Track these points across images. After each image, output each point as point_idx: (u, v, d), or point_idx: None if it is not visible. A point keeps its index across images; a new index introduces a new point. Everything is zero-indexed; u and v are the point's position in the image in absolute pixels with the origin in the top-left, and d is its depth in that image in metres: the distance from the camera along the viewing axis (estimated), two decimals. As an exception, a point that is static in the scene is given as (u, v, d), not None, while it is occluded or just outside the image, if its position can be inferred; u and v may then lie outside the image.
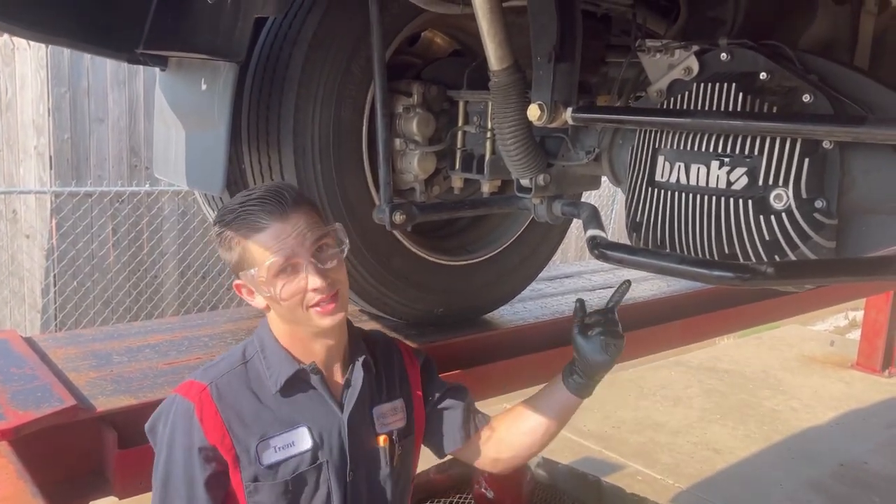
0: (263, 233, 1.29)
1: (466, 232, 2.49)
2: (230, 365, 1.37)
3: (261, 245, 1.29)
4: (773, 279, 1.23)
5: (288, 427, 1.34)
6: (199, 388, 1.32)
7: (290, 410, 1.35)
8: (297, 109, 1.86)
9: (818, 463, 4.33)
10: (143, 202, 5.29)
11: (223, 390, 1.32)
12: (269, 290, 1.30)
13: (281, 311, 1.34)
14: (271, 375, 1.36)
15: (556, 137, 1.82)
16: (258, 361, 1.37)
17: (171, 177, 2.04)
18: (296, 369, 1.36)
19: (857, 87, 1.39)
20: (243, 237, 1.30)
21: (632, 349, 2.77)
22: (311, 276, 1.29)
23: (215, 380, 1.33)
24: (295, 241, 1.29)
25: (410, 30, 2.06)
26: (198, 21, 1.73)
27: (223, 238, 1.33)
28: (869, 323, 5.86)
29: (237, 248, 1.31)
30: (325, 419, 1.37)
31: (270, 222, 1.29)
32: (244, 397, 1.33)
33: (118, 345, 2.00)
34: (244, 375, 1.36)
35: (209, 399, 1.30)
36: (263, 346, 1.39)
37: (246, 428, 1.31)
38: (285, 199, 1.31)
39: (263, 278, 1.29)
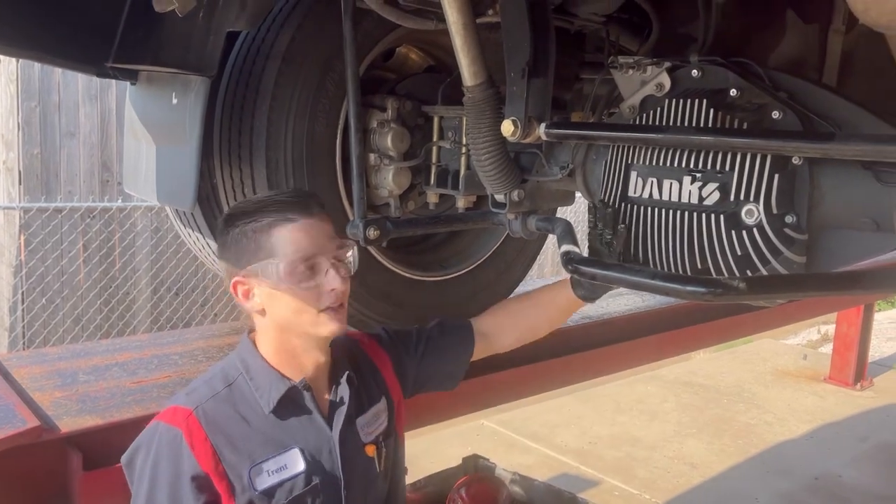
0: (294, 224, 1.29)
1: (442, 247, 2.48)
2: (213, 388, 1.32)
3: (289, 236, 1.28)
4: (744, 294, 1.23)
5: (280, 449, 1.30)
6: (184, 414, 1.27)
7: (281, 432, 1.31)
8: (270, 124, 1.84)
9: (793, 477, 4.36)
10: (114, 218, 5.22)
11: (210, 414, 1.27)
12: (289, 281, 1.27)
13: (283, 313, 1.30)
14: (261, 396, 1.32)
15: (531, 153, 1.82)
16: (243, 383, 1.33)
17: (141, 192, 2.01)
18: (288, 387, 1.32)
19: (825, 103, 1.41)
20: (269, 226, 1.28)
21: (608, 365, 2.79)
22: (333, 277, 1.29)
23: (200, 404, 1.28)
24: (324, 239, 1.31)
25: (385, 45, 2.05)
26: (168, 35, 1.71)
27: (241, 231, 1.29)
28: (840, 337, 5.92)
29: (257, 239, 1.28)
30: (316, 438, 1.35)
31: (301, 217, 1.29)
32: (232, 421, 1.29)
33: (85, 363, 1.95)
34: (230, 398, 1.31)
35: (197, 424, 1.25)
36: (248, 366, 1.34)
37: (237, 453, 1.26)
38: (315, 201, 1.33)
39: (284, 269, 1.27)
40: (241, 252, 1.30)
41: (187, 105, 1.72)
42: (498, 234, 2.42)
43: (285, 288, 1.28)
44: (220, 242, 1.36)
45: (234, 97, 1.91)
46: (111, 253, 5.24)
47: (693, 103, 1.45)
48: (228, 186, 1.97)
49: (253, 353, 1.35)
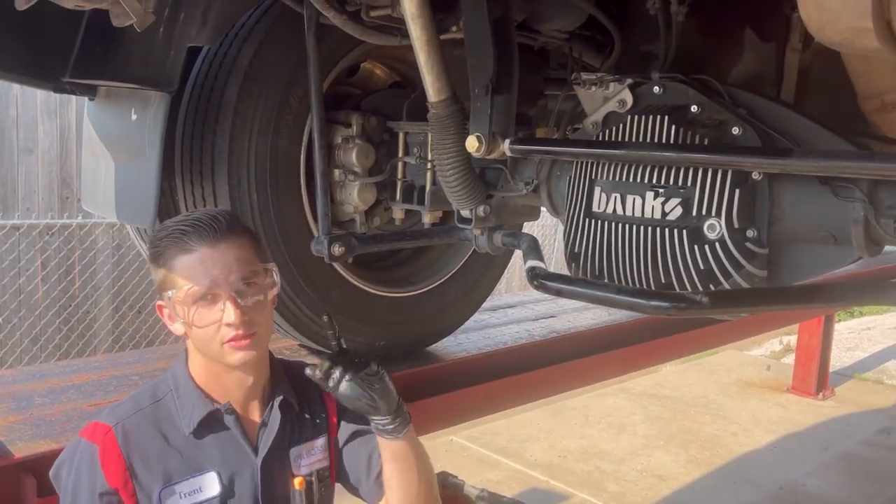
0: (189, 255, 1.24)
1: (408, 263, 2.47)
2: (138, 405, 1.29)
3: (185, 268, 1.24)
4: (707, 308, 1.24)
5: (195, 472, 1.27)
6: (103, 430, 1.24)
7: (200, 454, 1.28)
8: (233, 140, 1.82)
9: (758, 487, 4.40)
10: (74, 235, 5.10)
11: (129, 432, 1.25)
12: (184, 314, 1.25)
13: (196, 341, 1.28)
14: (184, 417, 1.28)
15: (496, 169, 1.82)
16: (171, 401, 1.30)
17: (99, 209, 1.96)
18: (209, 410, 1.29)
19: (783, 120, 1.44)
20: (170, 257, 1.25)
21: (575, 378, 2.79)
22: (228, 310, 1.24)
23: (121, 420, 1.25)
24: (220, 270, 1.24)
25: (349, 61, 2.05)
26: (127, 50, 1.69)
27: (152, 255, 1.29)
28: (802, 347, 6.02)
29: (163, 268, 1.26)
30: (237, 463, 1.30)
31: (199, 247, 1.24)
32: (151, 439, 1.26)
33: (40, 385, 1.90)
34: (153, 415, 1.28)
35: (113, 441, 1.23)
36: (177, 384, 1.31)
37: (150, 472, 1.24)
38: (219, 226, 1.26)
39: (181, 301, 1.24)
40: (156, 278, 1.30)
41: (147, 121, 1.69)
42: (464, 250, 2.41)
43: (183, 321, 1.26)
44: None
45: (196, 113, 1.89)
46: (71, 271, 5.12)
47: (655, 119, 1.47)
48: (190, 203, 1.94)
49: (183, 372, 1.32)
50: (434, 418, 2.23)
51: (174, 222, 1.29)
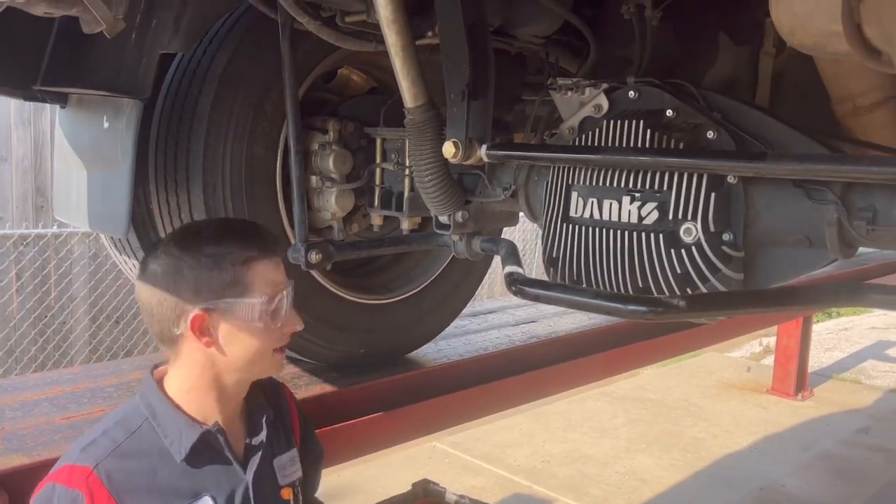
0: (271, 261, 1.26)
1: (387, 270, 2.45)
2: (114, 440, 1.21)
3: (269, 274, 1.25)
4: (684, 312, 1.24)
5: (189, 498, 1.23)
6: (83, 474, 1.16)
7: (191, 480, 1.23)
8: (207, 147, 1.80)
9: (739, 488, 4.43)
10: (50, 244, 5.03)
11: (112, 471, 1.17)
12: (264, 321, 1.23)
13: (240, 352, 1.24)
14: (172, 443, 1.23)
15: (474, 174, 1.82)
16: (148, 429, 1.23)
17: (72, 219, 1.93)
18: (200, 433, 1.24)
19: (758, 124, 1.45)
20: (249, 261, 1.23)
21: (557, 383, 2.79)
22: (295, 317, 1.29)
23: (100, 460, 1.17)
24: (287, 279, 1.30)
25: (325, 67, 2.04)
26: (99, 57, 1.67)
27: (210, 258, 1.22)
28: (781, 349, 6.08)
29: (234, 272, 1.22)
30: (229, 482, 1.27)
31: (275, 255, 1.27)
32: (138, 475, 1.19)
33: (11, 399, 1.86)
34: (133, 449, 1.21)
35: (98, 483, 1.15)
36: (154, 411, 1.24)
37: None
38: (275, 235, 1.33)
39: (265, 309, 1.23)
40: (206, 283, 1.22)
41: (119, 129, 1.67)
42: (444, 256, 2.41)
43: (256, 328, 1.23)
44: (169, 263, 1.23)
45: (170, 120, 1.87)
46: (46, 281, 5.05)
47: (630, 124, 1.47)
48: (165, 211, 1.92)
49: (158, 396, 1.26)
50: (415, 425, 2.22)
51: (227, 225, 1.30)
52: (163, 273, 1.23)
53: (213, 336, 1.24)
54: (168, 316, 1.23)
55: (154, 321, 1.26)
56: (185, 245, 1.24)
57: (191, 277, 1.22)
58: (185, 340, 1.24)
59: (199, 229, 1.30)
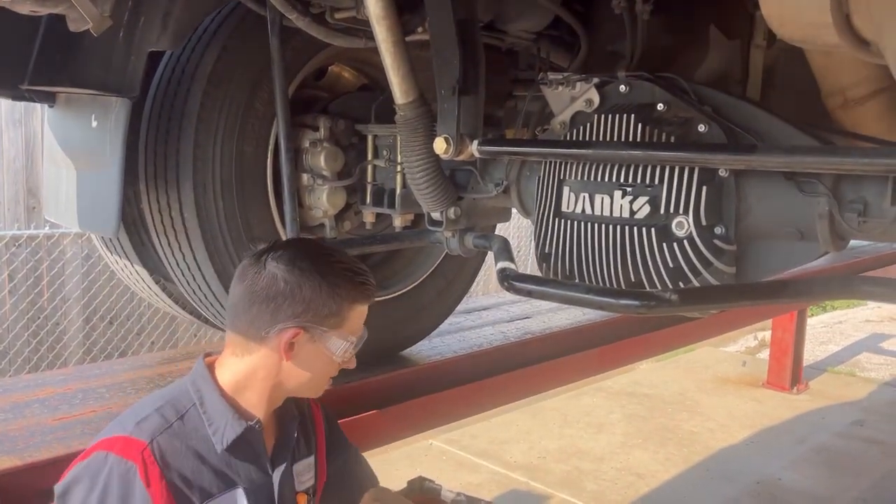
0: (363, 307, 1.34)
1: (381, 267, 2.44)
2: (165, 419, 1.24)
3: (359, 317, 1.34)
4: (677, 306, 1.24)
5: (226, 488, 1.26)
6: (138, 447, 1.18)
7: (228, 470, 1.27)
8: (197, 146, 1.79)
9: (735, 482, 4.43)
10: (42, 245, 5.00)
11: (165, 450, 1.20)
12: (343, 358, 1.32)
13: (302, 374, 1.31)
14: (215, 432, 1.26)
15: (466, 170, 1.82)
16: (195, 414, 1.26)
17: (61, 219, 1.92)
18: (244, 428, 1.27)
19: (749, 117, 1.45)
20: (352, 301, 1.31)
21: (552, 378, 2.79)
22: (353, 359, 1.35)
23: (154, 437, 1.20)
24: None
25: (315, 64, 2.03)
26: (86, 56, 1.66)
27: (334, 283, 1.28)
28: (776, 342, 6.09)
29: (339, 304, 1.29)
30: (259, 479, 1.31)
31: (369, 300, 1.35)
32: (185, 457, 1.22)
33: (2, 400, 1.85)
34: (181, 431, 1.24)
35: (152, 460, 1.17)
36: (202, 398, 1.27)
37: (189, 490, 1.21)
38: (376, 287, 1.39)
39: (348, 349, 1.31)
40: (317, 305, 1.27)
41: (108, 128, 1.66)
42: (437, 253, 2.40)
43: (333, 361, 1.31)
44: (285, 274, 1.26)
45: (160, 119, 1.86)
46: (39, 282, 5.02)
47: (621, 118, 1.47)
48: (155, 210, 1.91)
49: (209, 384, 1.29)
50: (411, 422, 2.22)
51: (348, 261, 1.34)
52: (282, 279, 1.26)
53: (294, 352, 1.28)
54: (265, 317, 1.26)
55: (245, 314, 1.28)
56: (308, 260, 1.28)
57: (307, 295, 1.26)
58: (267, 345, 1.27)
59: (330, 254, 1.34)
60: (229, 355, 1.31)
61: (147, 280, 2.20)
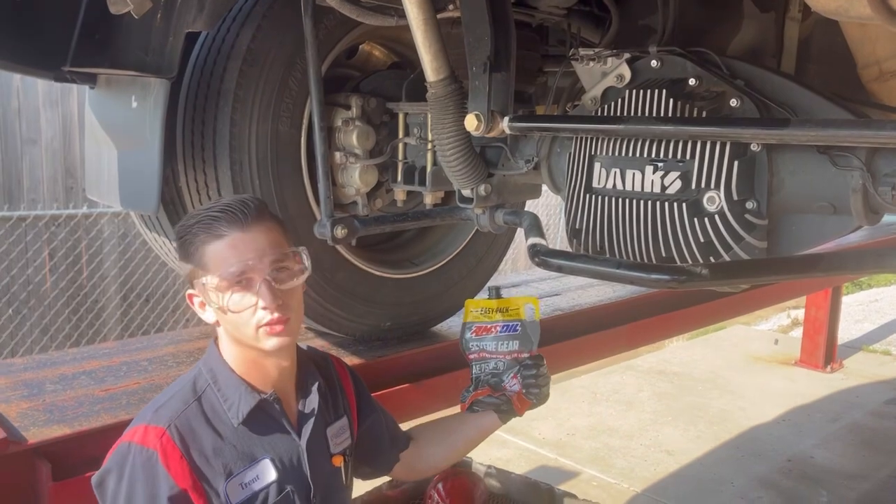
0: (222, 241, 1.25)
1: (412, 244, 2.48)
2: (183, 402, 1.28)
3: (218, 253, 1.25)
4: (707, 280, 1.25)
5: (251, 461, 1.29)
6: (157, 433, 1.22)
7: (251, 443, 1.30)
8: (233, 125, 1.83)
9: (767, 459, 4.43)
10: (80, 225, 5.13)
11: (183, 432, 1.24)
12: (218, 300, 1.25)
13: (229, 327, 1.29)
14: (230, 408, 1.29)
15: (496, 147, 1.83)
16: (212, 394, 1.30)
17: (103, 197, 1.98)
18: (257, 400, 1.30)
19: (782, 90, 1.44)
20: (201, 244, 1.26)
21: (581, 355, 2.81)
22: (263, 293, 1.25)
23: (172, 421, 1.24)
24: (253, 254, 1.26)
25: (347, 42, 2.05)
26: (126, 37, 1.69)
27: (182, 244, 1.29)
28: (810, 320, 6.02)
29: (195, 255, 1.27)
30: (285, 448, 1.33)
31: (230, 232, 1.25)
32: (205, 436, 1.26)
33: (51, 373, 1.92)
34: (199, 411, 1.28)
35: (171, 443, 1.22)
36: (215, 376, 1.31)
37: (212, 468, 1.24)
38: (248, 210, 1.27)
39: (214, 287, 1.25)
40: (185, 266, 1.30)
41: (147, 108, 1.70)
42: (467, 230, 2.42)
43: (216, 307, 1.26)
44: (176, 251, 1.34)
45: (196, 99, 1.89)
46: (78, 261, 5.16)
47: (653, 93, 1.47)
48: (193, 189, 1.95)
49: (219, 363, 1.33)
50: (441, 396, 2.25)
51: (202, 210, 1.29)
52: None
53: (210, 314, 1.31)
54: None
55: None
56: (177, 231, 1.32)
57: (181, 265, 1.32)
58: (203, 319, 1.33)
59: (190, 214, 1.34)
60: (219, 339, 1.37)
61: (185, 257, 2.25)
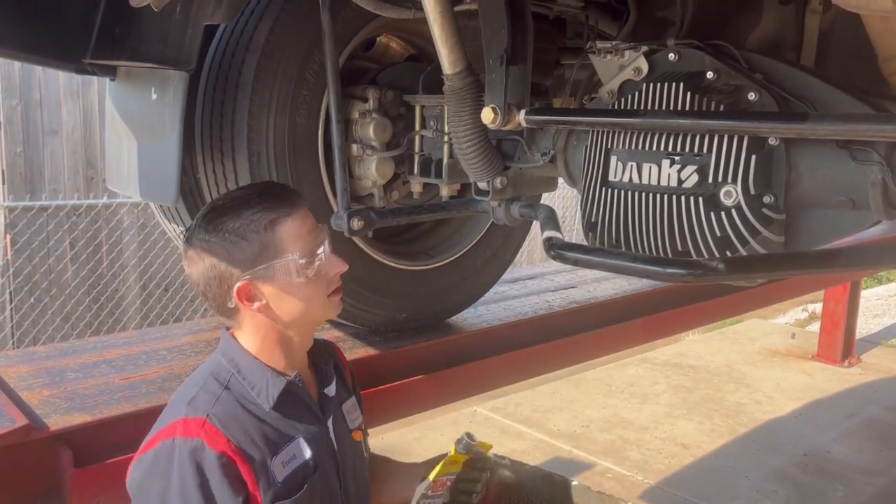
0: (292, 217, 1.28)
1: (427, 236, 2.48)
2: (213, 393, 1.28)
3: (293, 230, 1.27)
4: (724, 275, 1.25)
5: (287, 440, 1.31)
6: (198, 423, 1.22)
7: (284, 424, 1.32)
8: (251, 117, 1.84)
9: (783, 454, 4.41)
10: (101, 215, 5.19)
11: (223, 418, 1.24)
12: (304, 275, 1.27)
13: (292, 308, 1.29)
14: (259, 393, 1.30)
15: (512, 140, 1.83)
16: (237, 382, 1.31)
17: (123, 188, 2.00)
18: (286, 382, 1.32)
19: (801, 84, 1.42)
20: (271, 224, 1.26)
21: (596, 348, 2.81)
22: (336, 261, 1.32)
23: (209, 410, 1.25)
24: (318, 228, 1.31)
25: (364, 35, 2.05)
26: (146, 30, 1.71)
27: (237, 232, 1.26)
28: (828, 315, 5.97)
29: (260, 239, 1.26)
30: (314, 426, 1.36)
31: (294, 209, 1.29)
32: (245, 420, 1.27)
33: (72, 361, 1.95)
34: (230, 399, 1.29)
35: (215, 430, 1.22)
36: (238, 366, 1.32)
37: (257, 449, 1.26)
38: (292, 189, 1.33)
39: (304, 263, 1.27)
40: (239, 254, 1.26)
41: (167, 100, 1.72)
42: (483, 222, 2.42)
43: (300, 283, 1.28)
44: (202, 248, 1.28)
45: (215, 91, 1.91)
46: (98, 250, 5.22)
47: (670, 87, 1.46)
48: (212, 181, 1.97)
49: (239, 351, 1.34)
50: (456, 388, 2.27)
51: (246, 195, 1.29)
52: (198, 257, 1.29)
53: (262, 301, 1.29)
54: (217, 293, 1.30)
55: (208, 300, 1.33)
56: (210, 227, 1.28)
57: (223, 255, 1.27)
58: (241, 310, 1.31)
59: (219, 207, 1.31)
60: (236, 331, 1.36)
61: (203, 248, 2.27)
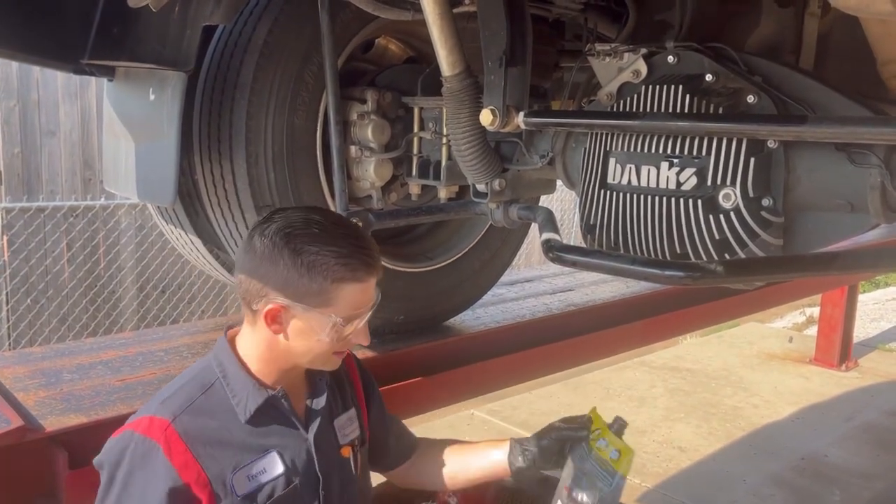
0: (361, 284, 1.28)
1: (426, 238, 2.48)
2: (189, 396, 1.28)
3: (352, 296, 1.27)
4: (722, 277, 1.25)
5: (258, 454, 1.29)
6: (161, 425, 1.22)
7: (258, 437, 1.30)
8: (250, 118, 1.84)
9: (780, 458, 4.40)
10: (98, 216, 5.18)
11: (188, 425, 1.24)
12: (333, 336, 1.28)
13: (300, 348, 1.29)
14: (238, 403, 1.29)
15: (511, 142, 1.83)
16: (220, 388, 1.30)
17: (121, 189, 2.00)
18: (265, 397, 1.30)
19: (800, 87, 1.42)
20: (339, 281, 1.25)
21: (594, 351, 2.81)
22: (364, 335, 1.34)
23: (177, 414, 1.24)
24: (372, 302, 1.32)
25: (363, 37, 2.05)
26: (144, 30, 1.71)
27: (307, 261, 1.23)
28: (825, 319, 5.96)
29: (322, 284, 1.24)
30: (293, 441, 1.34)
31: (367, 278, 1.29)
32: (211, 429, 1.26)
33: (69, 362, 1.94)
34: (206, 405, 1.28)
35: (175, 436, 1.22)
36: (225, 371, 1.31)
37: (217, 461, 1.24)
38: (377, 259, 1.31)
39: (340, 325, 1.27)
40: (295, 282, 1.24)
41: (165, 101, 1.71)
42: (481, 224, 2.42)
43: (324, 340, 1.28)
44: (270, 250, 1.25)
45: (213, 92, 1.91)
46: (95, 252, 5.21)
47: (669, 89, 1.46)
48: (209, 182, 1.97)
49: (230, 358, 1.32)
50: (453, 391, 2.26)
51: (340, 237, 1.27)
52: (261, 255, 1.26)
53: (283, 327, 1.28)
54: (253, 291, 1.28)
55: (242, 287, 1.31)
56: (290, 239, 1.25)
57: (283, 273, 1.24)
58: (260, 317, 1.29)
59: (309, 226, 1.27)
60: (245, 325, 1.35)
61: (200, 249, 2.27)
